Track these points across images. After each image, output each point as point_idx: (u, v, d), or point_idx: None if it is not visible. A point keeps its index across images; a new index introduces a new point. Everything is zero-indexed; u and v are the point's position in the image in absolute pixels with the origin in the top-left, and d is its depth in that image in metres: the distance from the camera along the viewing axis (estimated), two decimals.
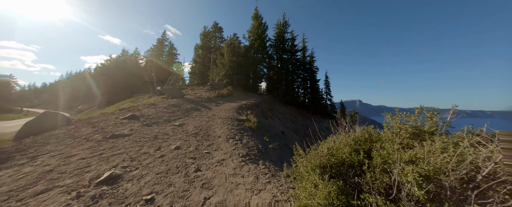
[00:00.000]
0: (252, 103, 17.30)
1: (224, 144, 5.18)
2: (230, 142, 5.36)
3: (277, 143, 7.24)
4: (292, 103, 27.60)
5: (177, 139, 5.40)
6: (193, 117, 8.54)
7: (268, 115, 18.01)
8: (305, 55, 32.30)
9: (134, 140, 5.04)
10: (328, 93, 32.84)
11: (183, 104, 11.30)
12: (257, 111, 17.43)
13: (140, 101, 20.24)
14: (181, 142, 5.16)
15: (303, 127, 21.52)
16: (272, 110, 21.34)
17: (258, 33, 30.18)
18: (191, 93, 19.98)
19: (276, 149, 6.51)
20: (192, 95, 17.06)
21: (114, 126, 6.13)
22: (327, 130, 27.71)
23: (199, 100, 14.38)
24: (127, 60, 57.43)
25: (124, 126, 6.11)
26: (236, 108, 12.36)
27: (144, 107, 9.30)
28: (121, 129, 5.90)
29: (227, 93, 19.68)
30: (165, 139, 5.32)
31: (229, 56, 26.34)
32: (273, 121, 17.29)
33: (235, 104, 14.73)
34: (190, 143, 5.13)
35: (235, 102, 16.35)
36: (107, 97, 49.23)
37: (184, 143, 5.11)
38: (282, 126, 17.03)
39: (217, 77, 25.28)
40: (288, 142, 11.27)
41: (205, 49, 34.07)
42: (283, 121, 19.42)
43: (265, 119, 16.23)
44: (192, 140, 5.41)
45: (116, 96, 45.27)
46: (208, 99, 15.50)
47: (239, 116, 9.26)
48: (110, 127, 5.97)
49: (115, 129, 5.88)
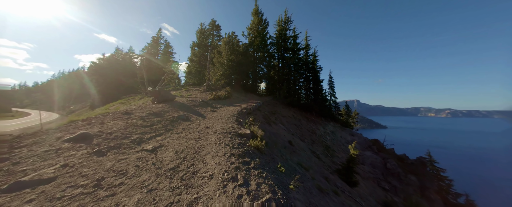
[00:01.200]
0: (253, 106, 14.99)
1: (219, 196, 2.90)
2: (229, 189, 3.07)
3: (299, 175, 4.96)
4: (294, 105, 25.36)
5: (138, 185, 3.06)
6: (178, 132, 6.17)
7: (271, 120, 15.73)
8: (308, 54, 30.06)
9: (51, 196, 2.70)
10: (332, 94, 30.67)
11: (169, 110, 8.91)
12: (259, 116, 15.12)
13: (131, 103, 17.79)
14: (143, 194, 2.86)
15: (308, 132, 19.33)
16: (275, 113, 19.06)
17: (258, 30, 27.81)
18: (185, 95, 17.58)
19: (300, 189, 4.25)
20: (185, 98, 14.68)
21: (39, 158, 3.77)
22: (332, 134, 25.62)
23: (192, 104, 12.03)
24: (121, 59, 54.60)
25: (58, 157, 3.74)
26: (236, 114, 10.07)
27: (112, 117, 6.90)
28: (47, 164, 3.53)
29: (225, 95, 17.33)
30: (115, 187, 2.99)
31: (228, 55, 23.95)
32: (277, 126, 15.02)
33: (234, 108, 12.38)
34: (160, 195, 2.84)
35: (234, 105, 14.01)
36: (100, 97, 46.62)
37: (148, 196, 2.81)
38: (287, 133, 14.79)
39: (214, 77, 22.89)
40: (301, 160, 8.99)
41: (202, 47, 31.58)
42: (287, 126, 17.18)
43: (268, 125, 13.94)
44: (163, 186, 3.10)
45: (109, 96, 42.65)
46: (203, 103, 13.14)
47: (240, 128, 6.94)
48: (29, 162, 3.61)
49: (35, 165, 3.52)
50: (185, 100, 12.99)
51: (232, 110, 11.57)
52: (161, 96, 10.33)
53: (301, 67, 27.84)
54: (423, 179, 22.40)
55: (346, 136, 25.26)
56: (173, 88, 22.22)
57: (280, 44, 28.03)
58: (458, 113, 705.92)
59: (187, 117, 8.18)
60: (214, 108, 12.06)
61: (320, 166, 10.94)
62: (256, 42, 26.64)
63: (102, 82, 48.43)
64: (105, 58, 53.99)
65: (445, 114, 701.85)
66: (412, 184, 20.99)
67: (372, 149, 23.47)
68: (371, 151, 23.02)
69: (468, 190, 22.30)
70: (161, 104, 10.18)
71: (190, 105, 11.74)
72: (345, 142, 23.53)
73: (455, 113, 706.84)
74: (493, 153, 54.79)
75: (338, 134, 24.85)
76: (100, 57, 54.32)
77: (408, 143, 54.53)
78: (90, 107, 53.07)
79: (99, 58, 53.89)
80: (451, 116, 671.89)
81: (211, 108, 12.08)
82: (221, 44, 26.39)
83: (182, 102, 12.16)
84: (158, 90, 10.43)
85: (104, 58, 53.49)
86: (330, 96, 30.19)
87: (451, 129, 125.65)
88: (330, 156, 15.98)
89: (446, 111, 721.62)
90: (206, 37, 33.33)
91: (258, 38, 26.76)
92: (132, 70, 48.02)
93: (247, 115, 12.34)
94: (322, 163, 12.45)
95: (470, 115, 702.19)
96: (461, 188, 22.80)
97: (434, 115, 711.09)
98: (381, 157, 22.30)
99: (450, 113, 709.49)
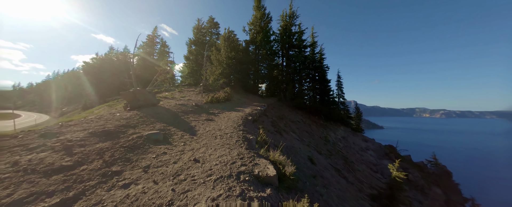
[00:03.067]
0: (258, 111, 11.96)
1: None
2: None
3: None
4: (302, 108, 22.36)
5: None
6: (128, 183, 3.12)
7: (280, 127, 12.72)
8: (314, 52, 27.09)
9: None
10: (341, 95, 27.69)
11: (139, 124, 5.82)
12: (267, 123, 12.08)
13: (117, 106, 14.67)
14: None
15: (322, 140, 16.34)
16: (283, 118, 16.04)
17: (261, 25, 24.81)
18: (177, 96, 14.49)
19: None
20: (175, 101, 11.59)
21: None
22: (344, 140, 22.65)
23: (182, 110, 8.98)
24: (115, 59, 51.27)
25: None
26: (240, 123, 7.06)
27: (24, 149, 3.85)
28: None
29: (225, 97, 14.28)
30: None
31: (227, 52, 20.90)
32: (289, 136, 12.02)
33: (236, 115, 9.32)
34: None
35: (236, 110, 10.94)
36: (93, 98, 44.00)
37: None
38: (302, 144, 11.79)
39: (212, 77, 19.81)
40: (337, 193, 5.96)
41: (198, 44, 28.48)
42: (299, 134, 14.17)
43: (280, 134, 10.92)
44: None
45: (102, 97, 39.65)
46: (196, 108, 10.06)
47: (252, 155, 3.90)
48: None
49: None
50: (174, 105, 9.91)
51: (234, 117, 8.53)
52: (136, 100, 7.24)
53: (308, 66, 24.85)
54: (448, 192, 19.49)
55: (359, 142, 22.29)
56: (166, 89, 19.10)
57: (284, 41, 25.03)
58: (451, 114, 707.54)
59: (165, 137, 5.13)
60: (210, 115, 8.98)
61: (352, 192, 7.99)
62: (259, 38, 23.63)
63: (94, 82, 45.16)
64: (98, 58, 50.64)
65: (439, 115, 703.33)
66: (438, 198, 18.04)
67: (389, 157, 20.53)
68: (389, 160, 20.08)
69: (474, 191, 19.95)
70: (135, 111, 7.09)
71: (179, 111, 8.67)
72: (360, 149, 20.56)
73: (449, 114, 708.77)
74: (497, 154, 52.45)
75: (350, 139, 21.88)
76: (94, 57, 50.98)
77: (407, 144, 52.11)
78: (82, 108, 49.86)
79: (92, 58, 50.55)
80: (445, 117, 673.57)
81: (207, 114, 9.00)
82: (220, 40, 23.36)
83: (168, 107, 9.07)
84: (132, 92, 7.36)
85: (97, 58, 50.14)
86: (338, 98, 27.21)
87: (444, 129, 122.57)
88: (352, 170, 12.99)
89: (441, 112, 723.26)
90: (203, 34, 30.24)
91: (261, 34, 23.76)
92: (126, 70, 44.87)
93: (254, 122, 9.33)
94: (350, 184, 9.45)
95: (463, 115, 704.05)
96: (467, 190, 20.54)
97: (429, 115, 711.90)
98: (401, 166, 19.38)
99: (444, 113, 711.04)
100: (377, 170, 17.62)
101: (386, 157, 20.44)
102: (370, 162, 18.48)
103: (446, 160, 26.85)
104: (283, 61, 26.55)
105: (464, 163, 47.99)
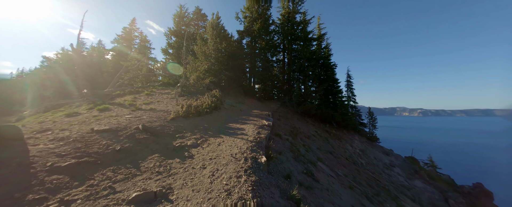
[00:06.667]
0: (265, 128, 6.84)
1: None
2: None
3: None
4: (311, 114, 17.49)
5: None
6: None
7: (305, 157, 7.61)
8: (321, 47, 22.38)
9: None
10: (352, 98, 23.23)
11: None
12: (286, 151, 6.90)
13: (66, 111, 8.61)
14: None
15: (349, 163, 11.56)
16: (297, 134, 11.02)
17: (258, 11, 19.64)
18: (138, 103, 8.86)
19: None
20: (119, 117, 6.14)
21: None
22: (364, 154, 18.18)
23: (99, 150, 3.66)
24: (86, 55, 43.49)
25: None
26: (249, 189, 1.98)
27: None
28: None
29: (211, 104, 8.91)
30: None
31: (216, 42, 15.48)
32: (320, 174, 6.93)
33: (230, 148, 4.00)
34: None
35: (229, 133, 5.59)
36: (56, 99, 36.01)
37: None
38: (340, 184, 6.82)
39: (194, 74, 14.27)
40: None
41: (180, 36, 22.69)
42: (328, 163, 9.19)
43: (311, 177, 5.87)
44: None
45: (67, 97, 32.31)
46: (142, 140, 4.69)
47: None
48: None
49: None
50: (99, 130, 4.47)
51: (227, 159, 3.36)
52: None
53: (315, 64, 20.01)
54: None
55: (380, 156, 17.85)
56: (135, 90, 13.04)
57: (286, 32, 20.03)
58: (428, 112, 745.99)
59: None
60: (168, 160, 3.66)
61: None
62: (257, 26, 18.40)
63: (56, 82, 37.48)
64: (63, 53, 42.62)
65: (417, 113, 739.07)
66: None
67: (420, 176, 16.23)
68: (421, 180, 15.76)
69: None
70: None
71: (88, 157, 3.30)
72: (384, 167, 16.06)
73: (425, 112, 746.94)
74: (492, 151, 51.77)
75: (371, 153, 17.39)
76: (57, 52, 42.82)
77: (393, 141, 50.63)
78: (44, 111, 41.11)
79: (56, 53, 42.39)
80: (422, 115, 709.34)
81: (166, 154, 3.67)
82: (207, 27, 17.84)
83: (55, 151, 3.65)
84: None
85: (62, 53, 42.12)
86: (348, 101, 22.77)
87: (424, 127, 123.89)
88: None
89: (418, 110, 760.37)
90: (187, 24, 24.42)
91: (259, 22, 18.55)
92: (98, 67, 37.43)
93: (268, 160, 4.17)
94: None
95: (437, 114, 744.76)
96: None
97: (408, 114, 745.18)
98: (437, 188, 15.12)
99: (421, 112, 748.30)
100: (413, 198, 13.04)
101: (416, 176, 16.10)
102: (403, 186, 13.95)
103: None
104: (284, 57, 21.56)
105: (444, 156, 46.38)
